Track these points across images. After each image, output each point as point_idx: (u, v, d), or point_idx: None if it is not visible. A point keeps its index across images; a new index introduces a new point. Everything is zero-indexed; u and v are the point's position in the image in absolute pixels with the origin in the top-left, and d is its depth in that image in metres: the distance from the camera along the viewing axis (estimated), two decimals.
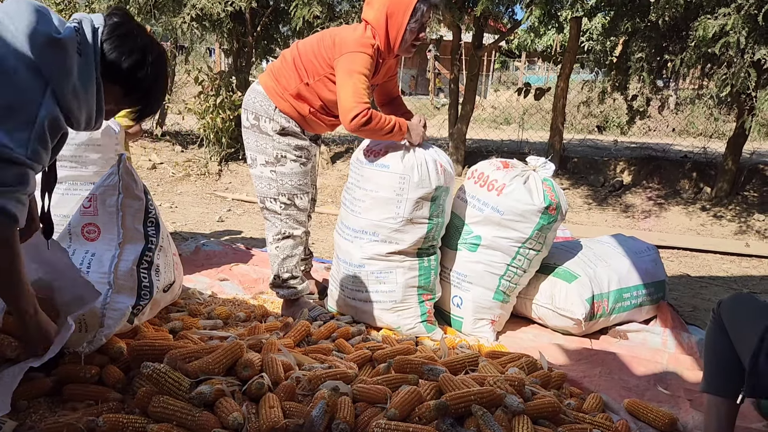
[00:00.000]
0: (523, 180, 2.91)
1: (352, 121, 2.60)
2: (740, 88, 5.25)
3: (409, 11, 2.65)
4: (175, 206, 5.98)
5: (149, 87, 1.71)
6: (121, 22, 1.64)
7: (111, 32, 1.61)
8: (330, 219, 5.74)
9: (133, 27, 1.67)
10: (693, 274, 4.66)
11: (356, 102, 2.59)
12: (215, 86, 7.24)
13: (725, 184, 6.58)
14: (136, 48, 1.64)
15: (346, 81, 2.61)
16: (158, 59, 1.70)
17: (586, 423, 2.05)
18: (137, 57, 1.64)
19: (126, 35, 1.63)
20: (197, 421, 1.78)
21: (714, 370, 1.92)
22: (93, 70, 1.55)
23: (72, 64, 1.51)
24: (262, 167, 2.87)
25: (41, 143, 1.48)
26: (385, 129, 2.67)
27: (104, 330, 2.15)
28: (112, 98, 1.66)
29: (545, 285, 3.10)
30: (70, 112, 1.54)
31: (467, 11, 6.96)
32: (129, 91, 1.68)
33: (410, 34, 2.71)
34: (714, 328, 1.92)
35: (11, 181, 1.46)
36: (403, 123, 2.75)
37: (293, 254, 2.97)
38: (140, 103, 1.75)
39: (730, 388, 1.89)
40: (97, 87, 1.58)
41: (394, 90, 3.12)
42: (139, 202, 2.41)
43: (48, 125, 1.48)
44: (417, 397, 1.94)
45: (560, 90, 7.18)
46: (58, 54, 1.49)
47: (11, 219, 1.48)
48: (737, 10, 4.94)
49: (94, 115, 1.61)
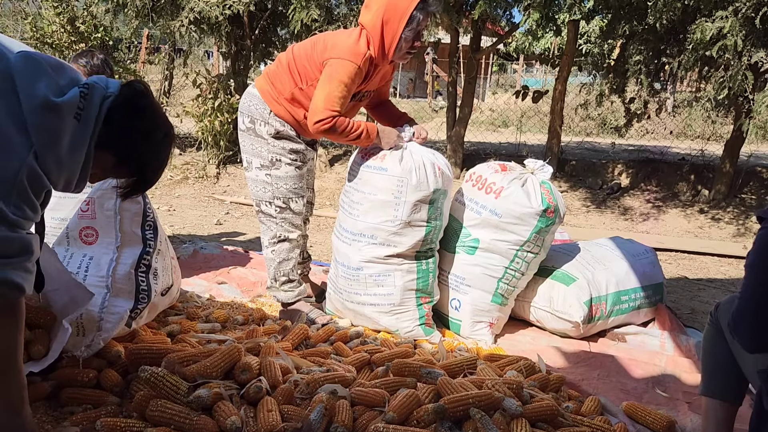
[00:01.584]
0: (521, 183, 2.91)
1: (315, 125, 2.65)
2: (737, 90, 5.26)
3: (405, 19, 2.61)
4: (173, 209, 5.98)
5: (143, 166, 1.66)
6: (135, 95, 1.60)
7: (121, 103, 1.56)
8: (328, 222, 5.74)
9: (148, 104, 1.63)
10: (691, 276, 4.67)
11: (325, 108, 2.62)
12: (213, 89, 7.24)
13: (723, 186, 6.60)
14: (141, 126, 1.60)
15: (324, 85, 2.64)
16: (162, 142, 1.67)
17: (584, 426, 2.05)
18: (139, 134, 1.60)
19: (136, 110, 1.59)
20: (195, 424, 1.77)
21: (712, 373, 1.93)
22: (87, 137, 1.51)
23: (64, 129, 1.46)
24: (257, 170, 2.87)
25: (23, 199, 1.44)
26: (351, 136, 2.71)
27: (102, 333, 2.14)
28: (101, 165, 1.61)
29: (543, 288, 3.10)
30: (48, 174, 1.48)
31: (465, 14, 6.97)
32: (121, 162, 1.63)
33: (405, 42, 2.68)
34: (711, 332, 1.92)
35: (17, 252, 1.45)
36: (372, 129, 2.76)
37: (289, 258, 2.96)
38: (131, 177, 1.69)
39: (728, 391, 1.89)
40: (87, 155, 1.53)
41: (384, 94, 3.12)
42: (137, 205, 2.40)
43: (28, 181, 1.43)
44: (415, 401, 1.94)
45: (558, 93, 7.20)
46: (50, 118, 1.44)
47: (19, 290, 1.47)
48: (734, 13, 4.96)
49: (75, 181, 1.56)
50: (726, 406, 1.89)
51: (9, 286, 1.44)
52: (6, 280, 1.43)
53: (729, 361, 1.84)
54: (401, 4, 2.60)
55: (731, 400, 1.89)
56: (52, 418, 1.87)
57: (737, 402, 1.90)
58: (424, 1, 2.62)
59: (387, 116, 3.08)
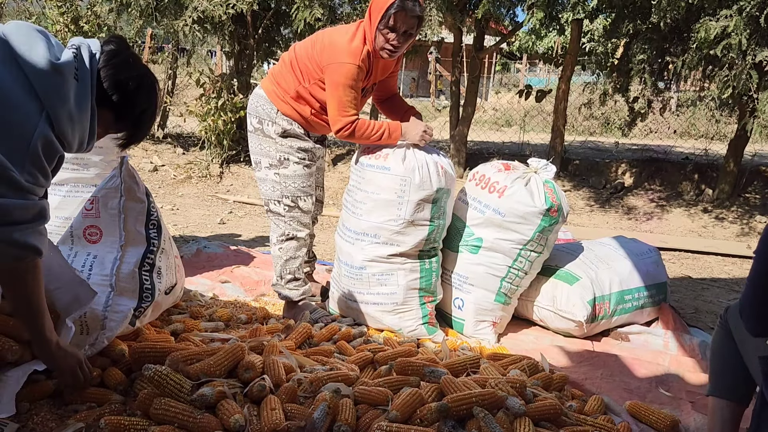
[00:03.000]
0: (524, 182, 2.91)
1: (338, 134, 2.74)
2: (742, 90, 5.25)
3: (381, 12, 2.61)
4: (176, 208, 5.99)
5: (140, 115, 1.77)
6: (117, 50, 1.69)
7: (108, 60, 1.66)
8: (331, 221, 5.75)
9: (129, 56, 1.72)
10: (694, 276, 4.66)
11: (341, 116, 2.68)
12: (216, 88, 7.25)
13: (727, 186, 6.58)
14: (131, 77, 1.70)
15: (332, 93, 2.68)
16: (151, 89, 1.77)
17: (587, 425, 2.05)
18: (131, 85, 1.70)
19: (122, 64, 1.69)
20: (199, 423, 1.78)
21: (720, 374, 1.92)
22: (89, 96, 1.61)
23: (69, 89, 1.55)
24: (266, 170, 2.88)
25: (36, 166, 1.53)
26: (373, 137, 2.76)
27: (106, 332, 2.15)
28: (103, 122, 1.71)
29: (547, 287, 3.10)
30: (64, 136, 1.58)
31: (468, 13, 6.96)
32: (120, 118, 1.74)
33: (380, 37, 2.65)
34: (721, 334, 1.92)
35: (33, 217, 1.57)
36: (395, 127, 2.77)
37: (296, 256, 2.97)
38: (129, 129, 1.80)
39: (736, 391, 1.89)
40: (92, 112, 1.63)
41: (392, 87, 3.12)
42: (141, 204, 2.41)
43: (42, 148, 1.52)
44: (418, 399, 1.94)
45: (561, 92, 7.19)
46: (56, 79, 1.53)
47: (35, 252, 1.61)
48: (739, 11, 4.95)
49: (86, 138, 1.66)
50: (732, 406, 1.89)
51: (30, 250, 1.59)
52: (27, 244, 1.56)
53: (737, 363, 1.84)
54: None
55: (738, 400, 1.89)
56: (56, 416, 1.87)
57: (744, 402, 1.90)
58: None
59: (394, 110, 3.09)
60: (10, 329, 1.94)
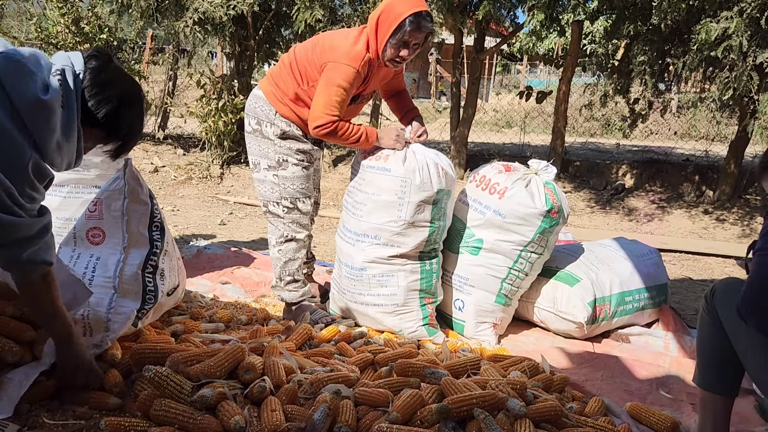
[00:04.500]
0: (525, 183, 2.91)
1: (314, 129, 2.71)
2: (742, 91, 5.24)
3: (394, 26, 2.60)
4: (177, 209, 5.99)
5: (127, 130, 1.81)
6: (100, 68, 1.71)
7: (91, 79, 1.68)
8: (332, 222, 5.75)
9: (112, 71, 1.75)
10: (695, 277, 4.66)
11: (324, 113, 2.66)
12: (217, 89, 7.24)
13: (727, 187, 6.58)
14: (114, 95, 1.72)
15: (323, 90, 2.67)
16: (136, 103, 1.80)
17: (588, 427, 2.05)
18: (115, 104, 1.72)
19: (105, 83, 1.71)
20: (199, 424, 1.78)
21: (707, 364, 1.92)
22: (75, 120, 1.65)
23: (56, 121, 1.60)
24: (265, 171, 2.88)
25: (32, 188, 1.62)
26: (350, 139, 2.76)
27: (110, 334, 2.15)
28: (92, 139, 1.76)
29: (547, 288, 3.10)
30: (52, 163, 1.67)
31: (469, 15, 6.96)
32: (108, 134, 1.78)
33: (390, 49, 2.66)
34: (708, 321, 1.90)
35: (38, 233, 1.67)
36: (371, 132, 2.81)
37: (296, 257, 2.97)
38: (117, 142, 1.83)
39: (725, 385, 1.89)
40: (78, 134, 1.68)
41: (399, 84, 3.14)
42: (145, 206, 2.41)
43: (33, 173, 1.60)
44: (419, 401, 1.94)
45: (562, 93, 7.18)
46: (44, 115, 1.57)
47: (46, 264, 1.73)
48: (739, 13, 4.94)
49: (74, 159, 1.72)
50: (723, 399, 1.90)
51: (41, 264, 1.71)
52: (37, 260, 1.69)
53: (726, 353, 1.83)
54: (397, 9, 2.60)
55: (727, 392, 1.90)
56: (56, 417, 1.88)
57: (733, 394, 1.90)
58: (418, 15, 2.60)
59: (399, 107, 3.14)
60: (11, 330, 1.94)
